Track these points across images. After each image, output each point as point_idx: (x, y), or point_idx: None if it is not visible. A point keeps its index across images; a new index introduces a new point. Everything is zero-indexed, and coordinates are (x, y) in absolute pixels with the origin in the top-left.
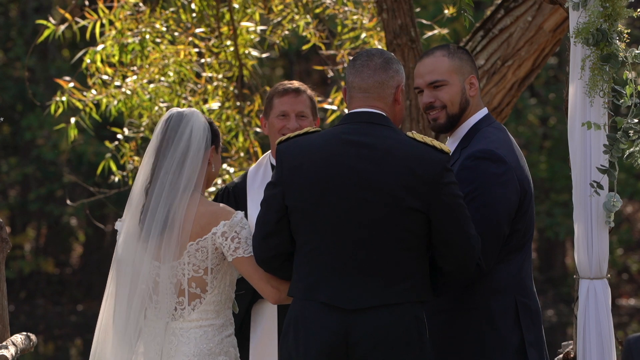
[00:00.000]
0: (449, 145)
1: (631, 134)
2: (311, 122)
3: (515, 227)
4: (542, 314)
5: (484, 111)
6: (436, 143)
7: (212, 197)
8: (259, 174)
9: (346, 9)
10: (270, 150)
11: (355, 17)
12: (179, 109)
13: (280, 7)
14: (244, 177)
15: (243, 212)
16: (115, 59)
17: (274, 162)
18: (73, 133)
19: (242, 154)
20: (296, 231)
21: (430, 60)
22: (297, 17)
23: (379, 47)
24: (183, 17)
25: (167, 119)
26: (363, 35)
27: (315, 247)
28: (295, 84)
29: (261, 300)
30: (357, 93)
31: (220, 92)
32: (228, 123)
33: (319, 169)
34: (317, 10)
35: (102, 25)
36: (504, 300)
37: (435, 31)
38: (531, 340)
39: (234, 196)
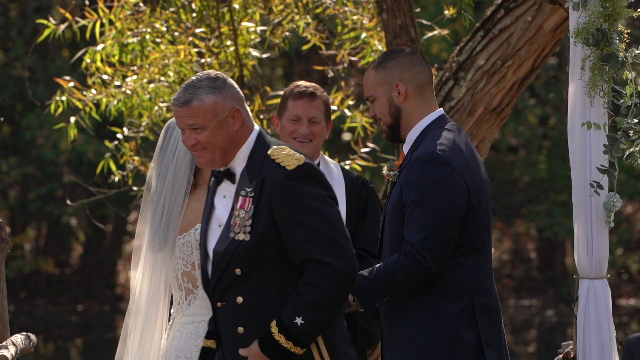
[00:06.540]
0: (404, 149)
1: (631, 134)
2: (323, 128)
3: (466, 230)
4: (502, 314)
5: (436, 113)
6: None
7: None
8: None
9: (346, 9)
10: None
11: (355, 17)
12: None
13: (281, 7)
14: None
15: None
16: (115, 59)
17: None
18: (73, 133)
19: None
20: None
21: (365, 74)
22: (297, 17)
23: (379, 47)
24: (183, 17)
25: (165, 128)
26: (363, 35)
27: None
28: (311, 87)
29: None
30: None
31: None
32: None
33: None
34: (317, 11)
35: (102, 25)
36: (460, 300)
37: (436, 32)
38: (490, 341)
39: None
